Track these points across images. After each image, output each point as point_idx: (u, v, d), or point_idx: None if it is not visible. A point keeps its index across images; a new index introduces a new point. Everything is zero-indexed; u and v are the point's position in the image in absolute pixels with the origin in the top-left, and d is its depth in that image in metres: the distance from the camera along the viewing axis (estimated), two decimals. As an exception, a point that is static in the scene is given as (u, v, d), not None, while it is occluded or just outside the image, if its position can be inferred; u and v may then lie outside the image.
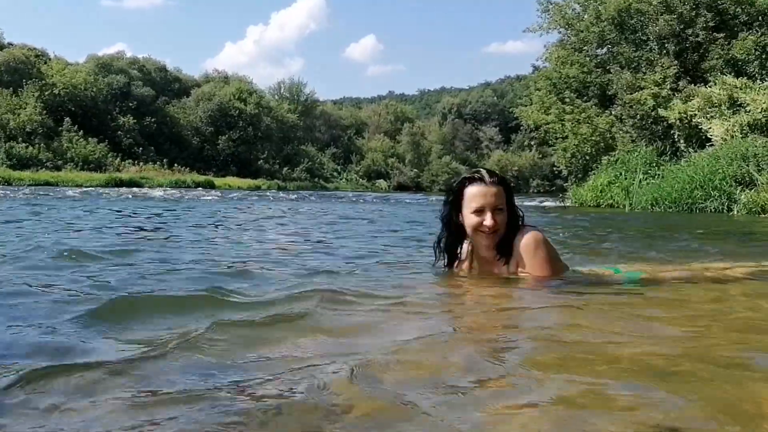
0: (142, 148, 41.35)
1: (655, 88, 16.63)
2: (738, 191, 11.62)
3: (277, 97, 56.13)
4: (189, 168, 40.27)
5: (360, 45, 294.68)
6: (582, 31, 19.31)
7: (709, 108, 14.74)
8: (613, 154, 17.17)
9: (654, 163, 15.44)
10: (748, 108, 13.87)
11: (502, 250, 2.59)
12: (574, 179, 18.92)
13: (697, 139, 15.28)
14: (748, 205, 11.06)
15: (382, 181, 55.87)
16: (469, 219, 2.57)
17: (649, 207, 13.32)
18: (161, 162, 39.55)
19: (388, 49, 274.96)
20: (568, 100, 18.91)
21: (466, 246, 2.74)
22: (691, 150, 15.22)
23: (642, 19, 18.00)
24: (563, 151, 18.97)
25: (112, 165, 37.16)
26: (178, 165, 39.77)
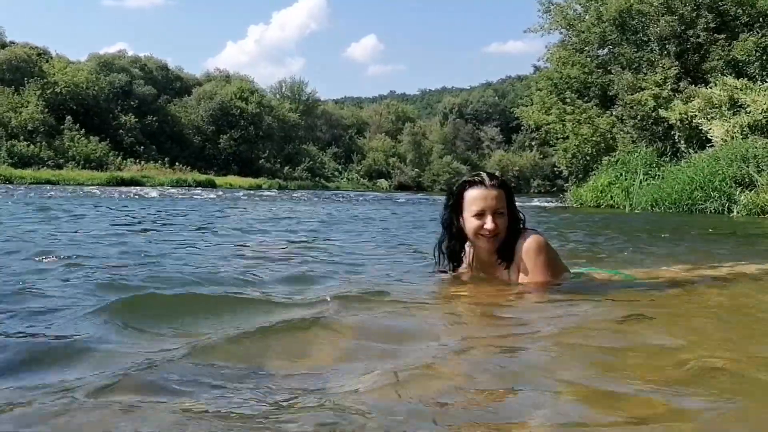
0: (143, 147, 41.38)
1: (656, 88, 16.64)
2: (738, 192, 11.63)
3: (278, 96, 56.13)
4: (190, 167, 40.29)
5: (361, 45, 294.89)
6: (583, 32, 19.32)
7: (710, 109, 14.75)
8: (613, 154, 17.18)
9: (654, 164, 15.45)
10: (748, 109, 13.88)
11: (503, 254, 2.57)
12: (575, 179, 18.93)
13: (698, 139, 15.29)
14: (748, 207, 11.07)
15: (383, 180, 55.83)
16: (469, 222, 2.55)
17: (649, 208, 13.33)
18: (162, 161, 39.59)
19: (389, 48, 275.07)
20: (569, 101, 18.92)
21: (467, 249, 2.72)
22: (691, 151, 15.22)
23: (643, 20, 18.00)
24: (564, 151, 18.98)
25: (113, 164, 37.22)
26: (179, 164, 39.81)
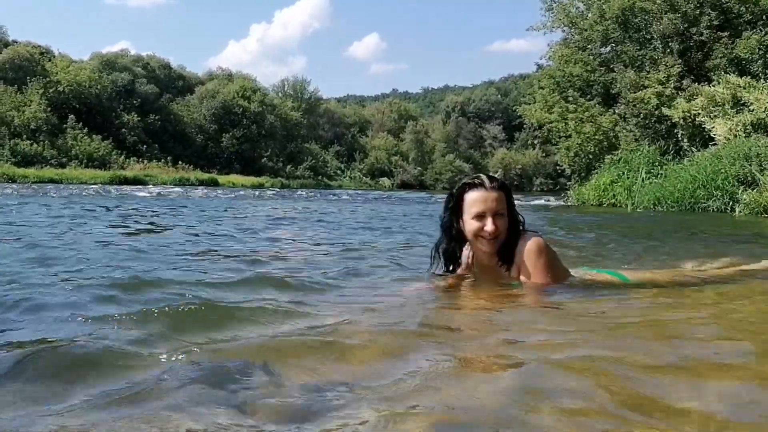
0: (146, 146, 41.46)
1: (659, 86, 16.57)
2: (740, 191, 11.58)
3: (280, 95, 56.17)
4: (193, 166, 40.36)
5: (363, 43, 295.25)
6: (586, 30, 19.26)
7: (713, 107, 14.68)
8: (616, 153, 17.12)
9: (657, 163, 15.40)
10: (751, 107, 13.81)
11: (504, 256, 2.56)
12: (578, 178, 18.88)
13: (701, 138, 15.22)
14: (751, 205, 11.01)
15: (385, 179, 55.81)
16: (469, 225, 2.54)
17: (651, 206, 13.28)
18: (165, 159, 39.65)
19: (392, 47, 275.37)
20: (571, 99, 18.86)
21: (466, 252, 2.70)
22: (694, 149, 15.16)
23: (646, 17, 17.92)
24: (566, 149, 18.93)
25: (116, 162, 37.31)
26: (182, 162, 39.87)
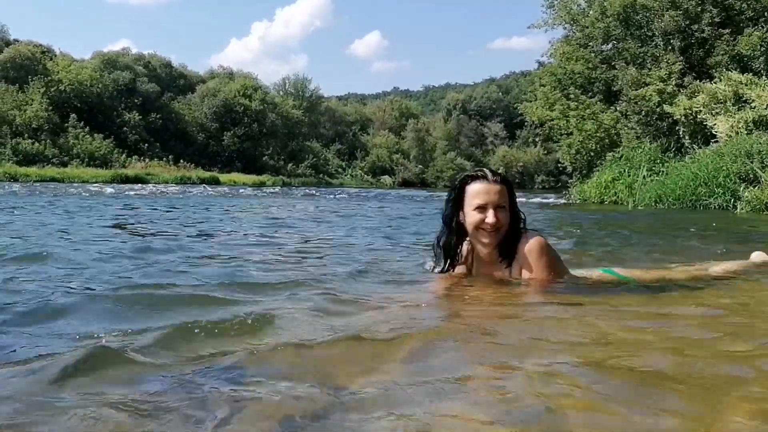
0: (147, 144, 41.45)
1: (661, 84, 16.55)
2: (742, 188, 11.57)
3: (281, 93, 56.10)
4: (194, 164, 40.33)
5: (364, 41, 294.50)
6: (587, 27, 19.23)
7: (715, 104, 14.66)
8: (617, 150, 17.11)
9: (658, 160, 15.38)
10: (753, 104, 13.80)
11: (504, 251, 2.53)
12: (579, 175, 18.86)
13: (702, 135, 15.20)
14: (752, 203, 11.01)
15: (386, 177, 55.76)
16: (470, 216, 2.50)
17: (652, 204, 13.27)
18: (167, 158, 39.63)
19: (393, 45, 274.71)
20: (572, 96, 18.83)
21: (466, 246, 2.66)
22: (695, 146, 15.15)
23: (647, 14, 17.89)
24: (568, 147, 18.91)
25: (117, 161, 37.30)
26: (183, 161, 39.84)
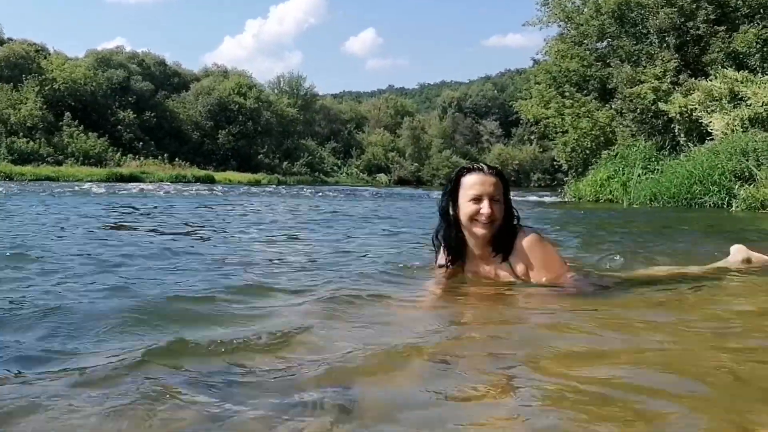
0: (142, 143, 41.31)
1: (656, 81, 16.53)
2: (737, 186, 11.56)
3: (276, 91, 55.97)
4: (189, 162, 40.23)
5: (359, 39, 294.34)
6: (582, 25, 19.18)
7: (710, 102, 14.64)
8: (612, 148, 17.09)
9: (653, 158, 15.37)
10: (749, 102, 13.78)
11: (498, 246, 2.51)
12: (575, 173, 18.84)
13: (698, 133, 15.19)
14: (747, 201, 10.99)
15: (382, 175, 55.74)
16: (465, 207, 2.48)
17: (647, 202, 13.25)
18: (162, 156, 39.50)
19: (388, 42, 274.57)
20: (567, 94, 18.80)
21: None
22: (690, 144, 15.14)
23: (642, 12, 17.87)
24: (563, 145, 18.88)
25: (112, 160, 37.15)
26: (178, 159, 39.72)
